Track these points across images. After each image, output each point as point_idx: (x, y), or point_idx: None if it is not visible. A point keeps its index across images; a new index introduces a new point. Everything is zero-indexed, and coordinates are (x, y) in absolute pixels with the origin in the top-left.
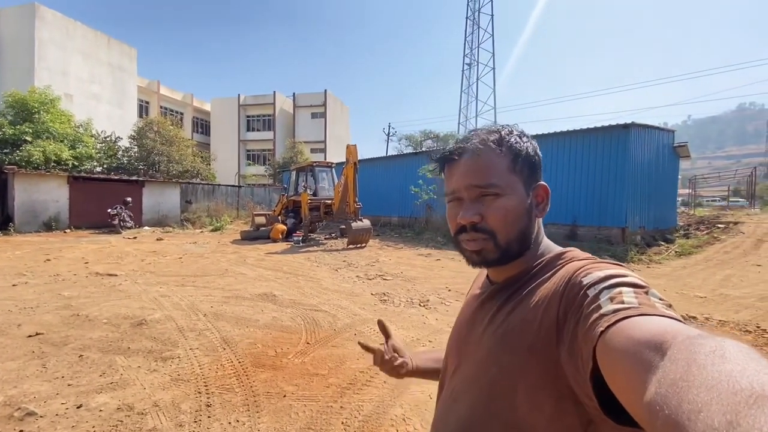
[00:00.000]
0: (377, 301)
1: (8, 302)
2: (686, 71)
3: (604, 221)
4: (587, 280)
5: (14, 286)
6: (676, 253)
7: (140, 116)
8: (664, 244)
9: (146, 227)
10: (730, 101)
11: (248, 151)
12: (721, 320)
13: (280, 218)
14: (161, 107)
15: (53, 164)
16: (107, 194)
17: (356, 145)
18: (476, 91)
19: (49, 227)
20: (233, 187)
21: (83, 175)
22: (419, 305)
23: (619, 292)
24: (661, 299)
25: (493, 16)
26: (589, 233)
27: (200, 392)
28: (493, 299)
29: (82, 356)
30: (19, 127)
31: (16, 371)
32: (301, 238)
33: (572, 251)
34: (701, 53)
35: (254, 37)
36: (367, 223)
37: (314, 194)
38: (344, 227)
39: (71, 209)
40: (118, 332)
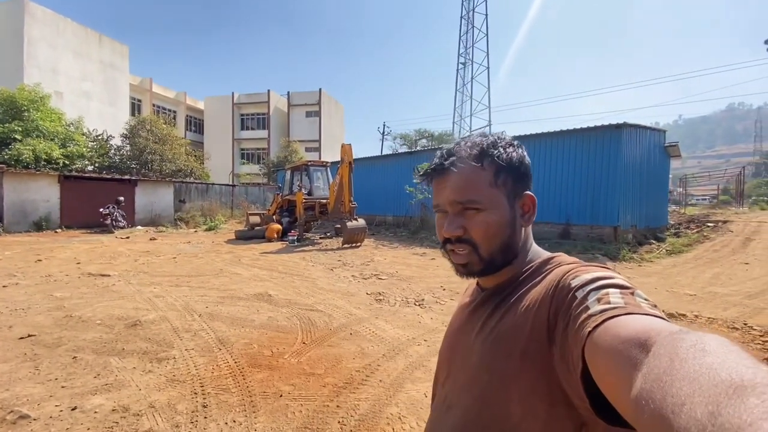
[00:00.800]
0: (373, 300)
1: None
2: (677, 72)
3: (596, 220)
4: (575, 282)
5: (4, 287)
6: (666, 251)
7: (132, 114)
8: (655, 242)
9: (139, 227)
10: (719, 101)
11: (242, 149)
12: (709, 317)
13: (275, 218)
14: (154, 105)
15: (44, 163)
16: (99, 193)
17: (351, 144)
18: (471, 90)
19: (39, 227)
20: (227, 186)
21: (74, 174)
22: (414, 304)
23: (606, 293)
24: (646, 299)
25: (487, 15)
26: (582, 232)
27: (196, 393)
28: (483, 306)
29: (75, 358)
30: (8, 125)
31: (8, 374)
32: (296, 237)
33: (560, 256)
34: (692, 54)
35: (249, 35)
36: (362, 222)
37: (309, 193)
38: (339, 226)
39: (62, 209)
40: (112, 333)
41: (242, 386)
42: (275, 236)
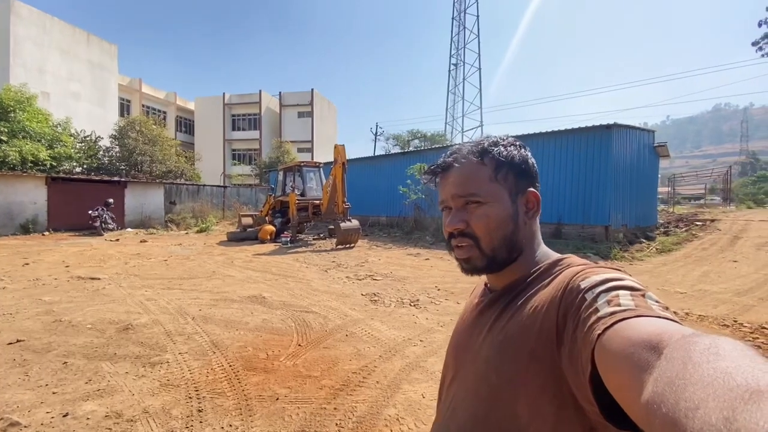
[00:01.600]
0: (368, 301)
1: None
2: (665, 73)
3: (588, 219)
4: (585, 284)
5: None
6: (657, 250)
7: (122, 115)
8: (645, 241)
9: (129, 229)
10: (706, 102)
11: (233, 150)
12: (700, 315)
13: (267, 219)
14: (143, 106)
15: (30, 165)
16: (88, 195)
17: (344, 145)
18: (462, 91)
19: (26, 230)
20: (218, 187)
21: (62, 175)
22: (410, 305)
23: (616, 295)
24: (657, 301)
25: (478, 17)
26: (573, 231)
27: (191, 397)
28: (492, 307)
29: (66, 363)
30: None
31: None
32: (289, 238)
33: (570, 258)
34: (679, 56)
35: (240, 35)
36: (355, 223)
37: (302, 194)
38: (333, 227)
39: (50, 211)
40: (103, 338)
41: (238, 390)
42: (268, 238)
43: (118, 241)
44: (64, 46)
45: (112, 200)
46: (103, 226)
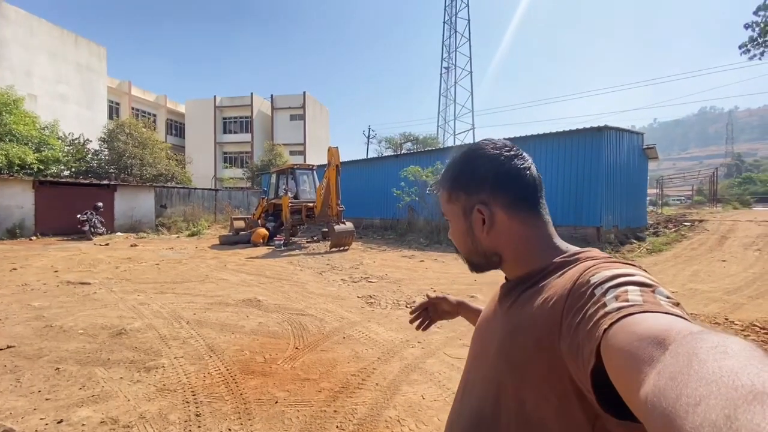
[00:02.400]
0: (364, 303)
1: None
2: (652, 77)
3: (579, 221)
4: (595, 279)
5: None
6: (647, 250)
7: (111, 118)
8: (636, 242)
9: (119, 233)
10: (692, 105)
11: (225, 153)
12: (691, 314)
13: (260, 222)
14: (133, 108)
15: (17, 168)
16: (76, 199)
17: (338, 147)
18: (454, 94)
19: (13, 235)
20: (210, 190)
21: (50, 179)
22: (406, 307)
23: (624, 290)
24: (668, 297)
25: (469, 20)
26: (566, 233)
27: (188, 402)
28: (508, 296)
29: (58, 369)
30: None
31: None
32: (282, 242)
33: (589, 251)
34: (665, 59)
35: (231, 37)
36: (349, 225)
37: (295, 197)
38: (326, 230)
39: (37, 215)
40: (96, 343)
41: (236, 393)
42: (261, 241)
43: (108, 245)
44: (51, 48)
45: (101, 204)
46: (92, 230)
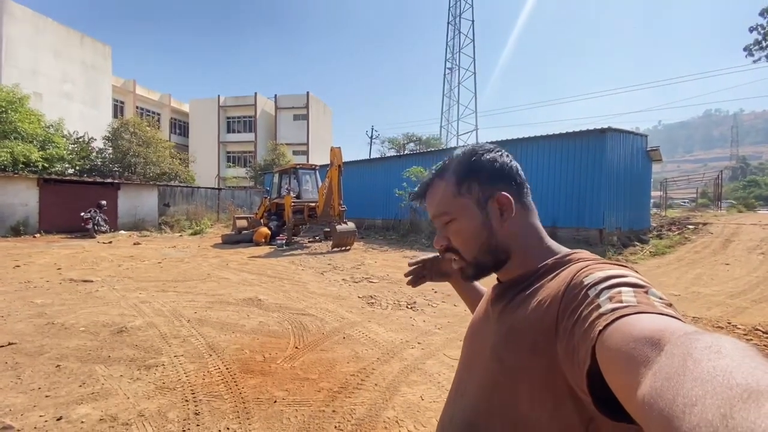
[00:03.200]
0: (364, 303)
1: None
2: (657, 79)
3: (582, 223)
4: (588, 280)
5: None
6: (650, 253)
7: (115, 117)
8: (639, 244)
9: (122, 231)
10: (697, 108)
11: (228, 153)
12: (694, 317)
13: (262, 221)
14: (137, 107)
15: (22, 166)
16: (80, 197)
17: (341, 147)
18: (458, 95)
19: (17, 232)
20: (213, 189)
21: (54, 177)
22: (407, 307)
23: (618, 291)
24: (661, 298)
25: (473, 21)
26: (568, 235)
27: (187, 400)
28: (500, 299)
29: (59, 366)
30: None
31: None
32: (284, 241)
33: (580, 253)
34: (671, 62)
35: (235, 37)
36: (351, 225)
37: (298, 197)
38: (328, 230)
39: (41, 213)
40: (97, 340)
41: (235, 392)
42: (263, 240)
43: (111, 243)
44: (57, 46)
45: (104, 202)
46: (95, 228)
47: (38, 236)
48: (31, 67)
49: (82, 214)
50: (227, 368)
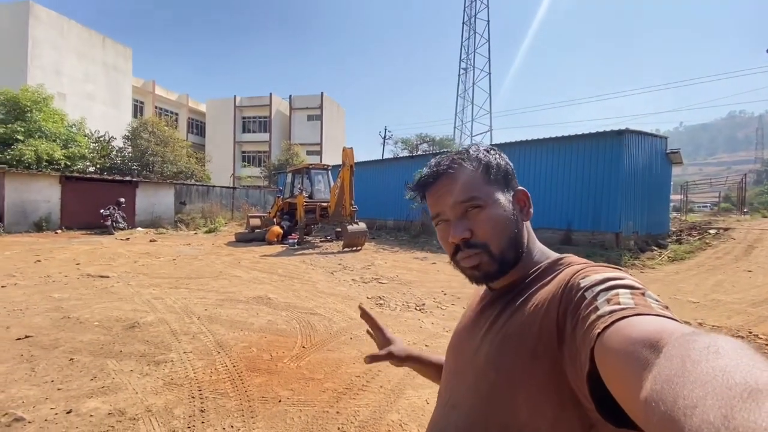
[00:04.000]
0: (373, 304)
1: None
2: (679, 79)
3: (598, 226)
4: (585, 282)
5: (3, 287)
6: (669, 258)
7: (135, 116)
8: (657, 249)
9: (139, 228)
10: (720, 109)
11: (243, 152)
12: (714, 325)
13: (275, 220)
14: (156, 107)
15: (45, 164)
16: (100, 195)
17: (353, 148)
18: (472, 95)
19: (39, 227)
20: (228, 188)
21: (75, 175)
22: (415, 309)
23: (615, 293)
24: (657, 300)
25: (489, 21)
26: (583, 238)
27: (194, 397)
28: (491, 307)
29: (72, 360)
30: (10, 125)
31: (3, 375)
32: (296, 240)
33: (570, 257)
34: (693, 62)
35: (251, 38)
36: (362, 226)
37: (310, 197)
38: (340, 230)
39: (63, 209)
40: (109, 335)
41: (240, 390)
42: (275, 239)
43: (128, 240)
44: (80, 48)
45: (123, 200)
46: (114, 225)
47: (60, 232)
48: (55, 68)
49: (101, 211)
50: (234, 366)
